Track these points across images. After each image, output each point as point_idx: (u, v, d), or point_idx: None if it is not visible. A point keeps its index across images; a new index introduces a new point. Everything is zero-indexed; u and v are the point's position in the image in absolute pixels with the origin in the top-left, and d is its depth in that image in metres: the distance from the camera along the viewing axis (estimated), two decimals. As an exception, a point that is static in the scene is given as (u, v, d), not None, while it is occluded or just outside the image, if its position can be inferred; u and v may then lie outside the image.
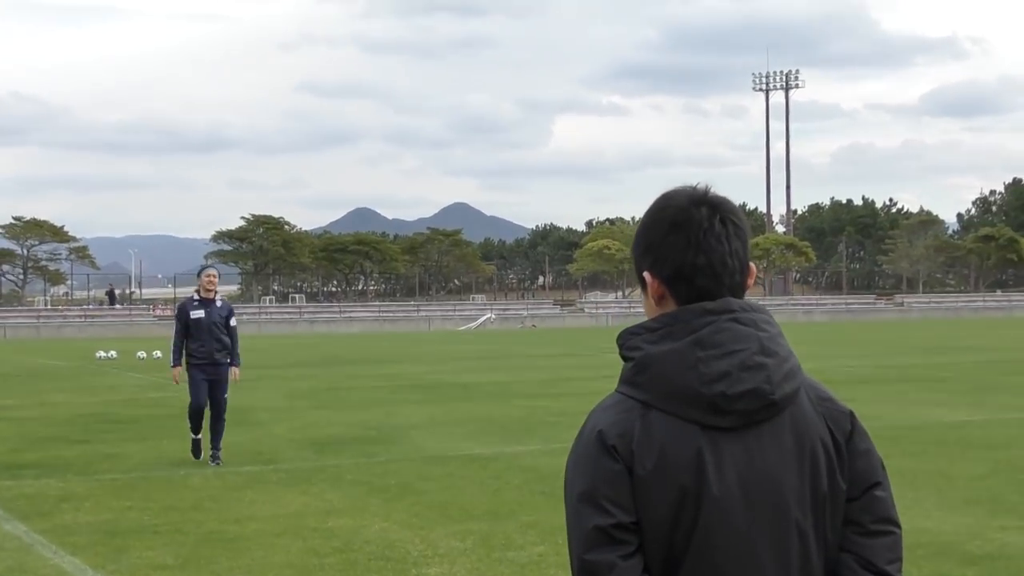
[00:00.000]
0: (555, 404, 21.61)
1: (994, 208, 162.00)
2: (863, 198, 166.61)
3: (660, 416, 2.28)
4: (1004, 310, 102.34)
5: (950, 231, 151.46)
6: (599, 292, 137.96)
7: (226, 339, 14.30)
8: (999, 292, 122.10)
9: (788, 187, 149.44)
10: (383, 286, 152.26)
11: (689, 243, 2.34)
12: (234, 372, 14.50)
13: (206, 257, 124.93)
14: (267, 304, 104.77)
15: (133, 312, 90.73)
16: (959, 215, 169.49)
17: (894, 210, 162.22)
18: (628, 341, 2.37)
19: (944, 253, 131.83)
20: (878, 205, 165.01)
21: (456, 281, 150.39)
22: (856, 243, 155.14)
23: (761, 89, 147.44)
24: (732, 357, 2.28)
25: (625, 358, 2.38)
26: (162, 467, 14.30)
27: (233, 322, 14.54)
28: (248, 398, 21.89)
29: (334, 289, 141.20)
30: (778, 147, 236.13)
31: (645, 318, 2.43)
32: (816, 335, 59.21)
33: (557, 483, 12.32)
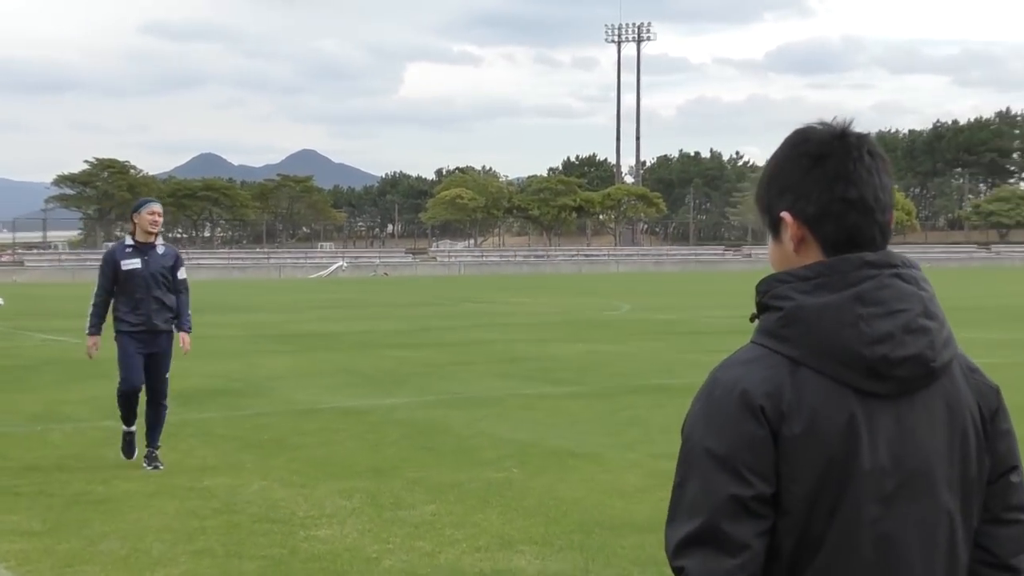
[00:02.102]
0: (420, 355, 21.23)
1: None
2: (711, 150, 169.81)
3: (811, 375, 2.01)
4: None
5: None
6: (449, 240, 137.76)
7: (171, 298, 10.82)
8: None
9: (638, 138, 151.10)
10: (230, 233, 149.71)
11: (838, 176, 2.07)
12: (183, 339, 10.98)
13: (47, 201, 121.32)
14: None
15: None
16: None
17: (740, 163, 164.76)
18: (774, 288, 2.09)
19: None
20: (725, 158, 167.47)
21: (305, 228, 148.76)
22: (703, 195, 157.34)
23: (613, 41, 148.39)
24: (896, 317, 2.02)
25: (767, 307, 2.09)
26: (17, 423, 13.50)
27: (182, 274, 10.98)
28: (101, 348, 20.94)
29: (180, 236, 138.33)
30: (628, 99, 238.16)
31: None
32: (670, 286, 59.84)
33: (437, 437, 12.03)
